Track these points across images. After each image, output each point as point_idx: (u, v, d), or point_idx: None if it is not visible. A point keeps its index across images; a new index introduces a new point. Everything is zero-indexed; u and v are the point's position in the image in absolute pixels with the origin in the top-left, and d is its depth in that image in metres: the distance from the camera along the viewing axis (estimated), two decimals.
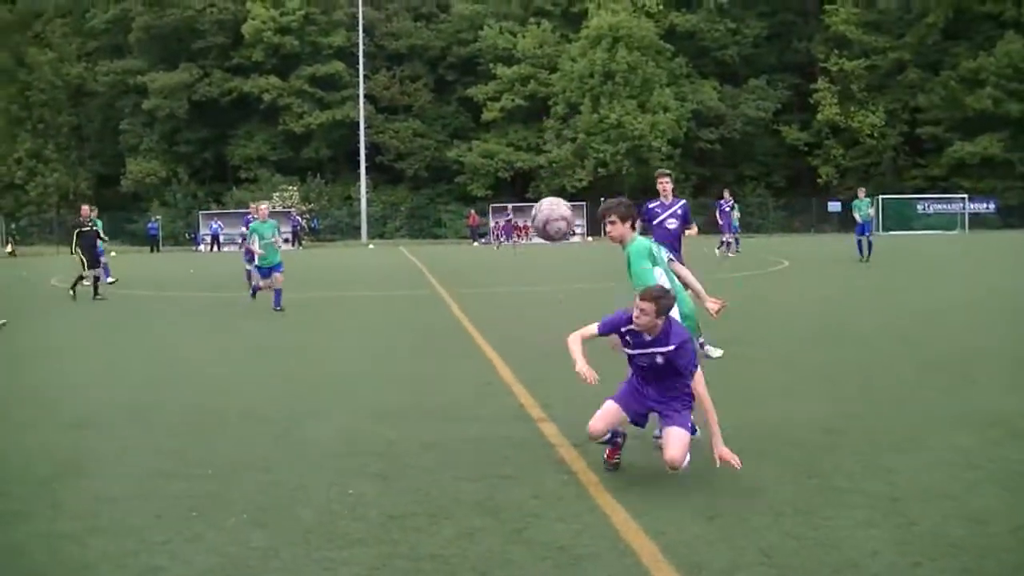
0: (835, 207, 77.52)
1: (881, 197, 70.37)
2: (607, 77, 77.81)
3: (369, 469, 7.79)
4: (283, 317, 20.49)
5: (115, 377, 13.20)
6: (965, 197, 74.75)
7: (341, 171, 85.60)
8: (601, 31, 78.15)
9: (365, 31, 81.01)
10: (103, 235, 28.56)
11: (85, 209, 27.08)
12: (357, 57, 79.76)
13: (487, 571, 5.54)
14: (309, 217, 77.05)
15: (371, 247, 69.41)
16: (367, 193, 79.61)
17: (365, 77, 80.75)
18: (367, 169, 79.56)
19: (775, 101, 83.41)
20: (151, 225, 73.34)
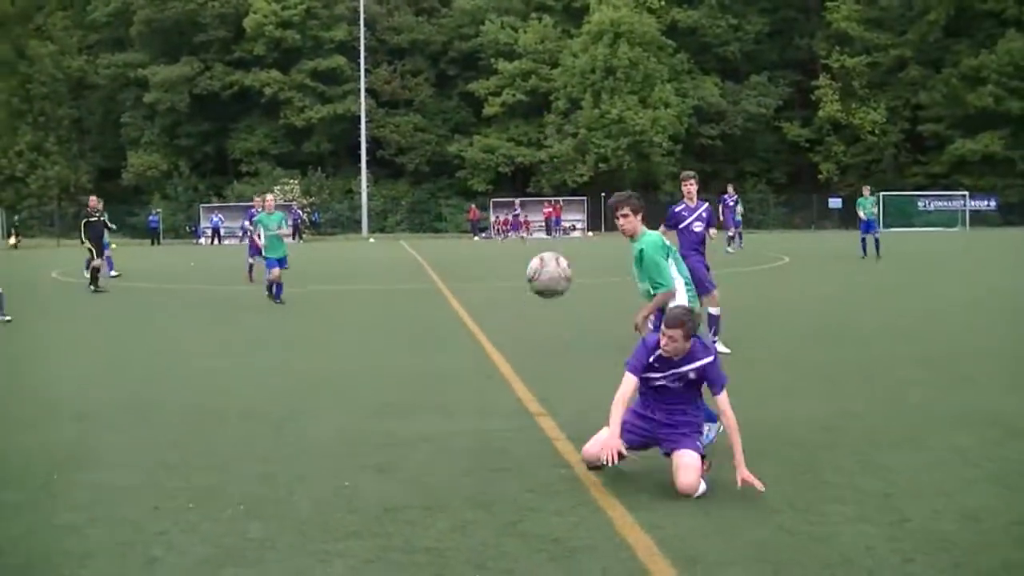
0: (836, 204, 77.54)
1: (882, 194, 70.17)
2: (608, 72, 77.74)
3: (366, 462, 7.82)
4: (283, 310, 20.51)
5: (115, 371, 13.23)
6: (966, 194, 74.72)
7: (342, 165, 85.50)
8: (602, 26, 78.05)
9: (366, 25, 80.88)
10: (110, 224, 28.60)
11: (93, 200, 27.28)
12: (358, 51, 79.63)
13: (481, 563, 5.56)
14: (310, 211, 76.98)
15: (372, 241, 69.36)
16: (368, 187, 79.53)
17: (366, 71, 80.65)
18: (368, 163, 79.48)
19: (776, 97, 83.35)
20: (152, 218, 73.27)
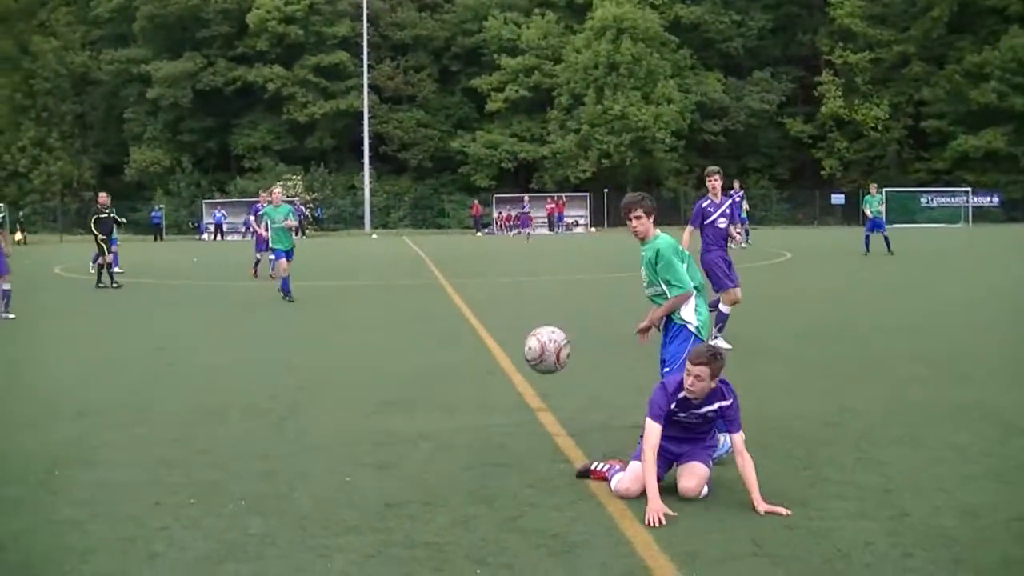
0: (838, 200, 77.55)
1: (885, 190, 70.01)
2: (611, 68, 77.70)
3: (367, 459, 7.84)
4: (285, 306, 20.49)
5: (117, 367, 13.24)
6: (968, 191, 74.60)
7: (345, 161, 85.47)
8: (605, 22, 78.02)
9: (369, 21, 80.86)
10: (120, 219, 28.61)
11: (103, 196, 27.34)
12: (361, 47, 79.66)
13: (481, 558, 5.58)
14: (313, 206, 76.95)
15: (374, 237, 69.35)
16: (371, 183, 79.53)
17: (369, 67, 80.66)
18: (371, 159, 79.49)
19: (779, 93, 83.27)
20: (155, 214, 73.31)
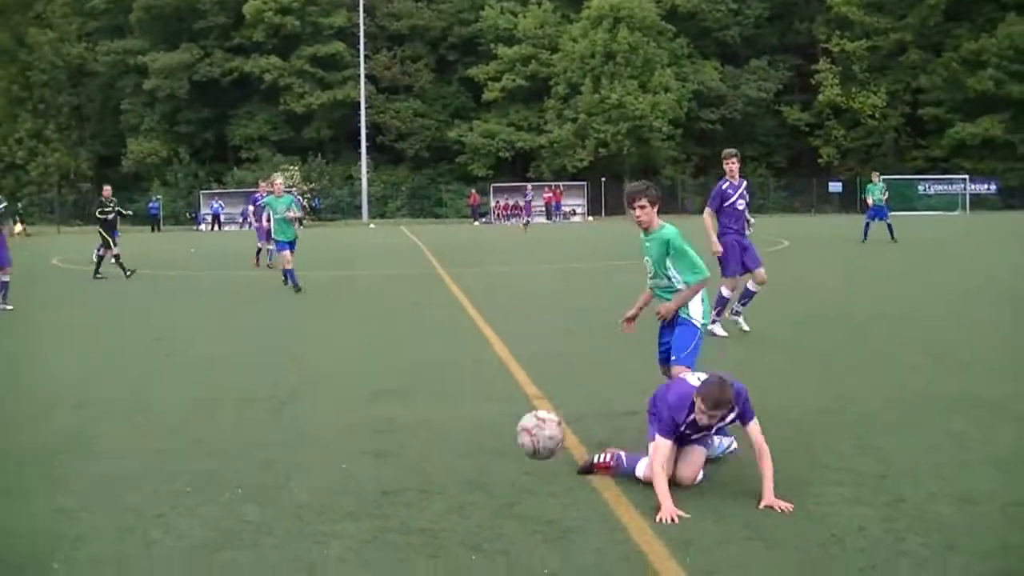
0: (836, 187, 77.58)
1: (882, 178, 70.19)
2: (608, 57, 77.72)
3: (364, 447, 7.84)
4: (283, 296, 20.48)
5: (114, 358, 13.23)
6: (966, 178, 74.66)
7: (342, 151, 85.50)
8: (602, 11, 78.04)
9: (366, 11, 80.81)
10: (124, 211, 28.56)
11: (107, 190, 27.39)
12: (358, 37, 79.63)
13: (476, 545, 5.60)
14: (310, 197, 76.91)
15: (372, 227, 69.36)
16: (368, 173, 79.58)
17: (366, 57, 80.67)
18: (368, 149, 79.54)
19: (776, 82, 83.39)
20: (152, 205, 73.27)
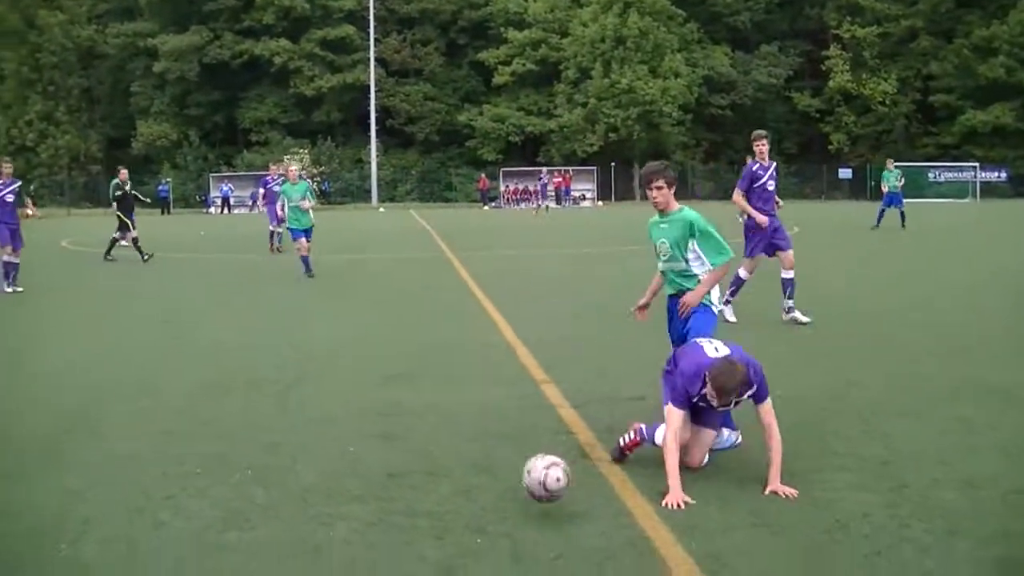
0: (846, 174, 77.38)
1: (896, 165, 70.03)
2: (618, 42, 77.46)
3: (371, 430, 7.88)
4: (291, 280, 20.48)
5: (124, 341, 13.28)
6: (976, 166, 74.35)
7: (352, 134, 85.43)
8: None
9: None
10: (142, 197, 28.67)
11: (124, 173, 27.22)
12: (368, 20, 79.44)
13: (481, 527, 5.64)
14: (320, 180, 76.92)
15: (381, 211, 69.31)
16: (378, 157, 79.54)
17: (376, 40, 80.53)
18: (377, 133, 79.49)
19: (787, 68, 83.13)
20: (162, 187, 73.22)
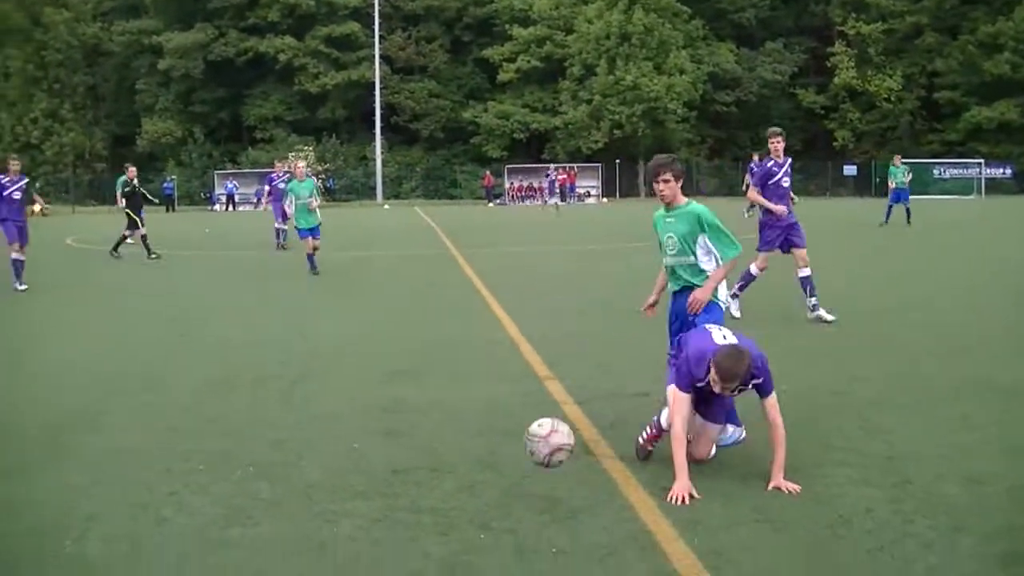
0: (851, 171, 77.27)
1: (892, 165, 69.94)
2: (623, 39, 77.42)
3: (375, 427, 7.90)
4: (296, 276, 20.51)
5: (129, 338, 13.29)
6: (982, 162, 74.15)
7: (357, 132, 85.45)
8: None
9: None
10: (151, 197, 28.75)
11: (132, 170, 27.22)
12: (373, 17, 79.44)
13: (485, 523, 5.64)
14: (325, 177, 76.92)
15: (386, 207, 69.36)
16: (382, 154, 79.59)
17: (381, 38, 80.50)
18: (382, 130, 79.52)
19: (792, 64, 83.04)
20: (167, 185, 73.16)
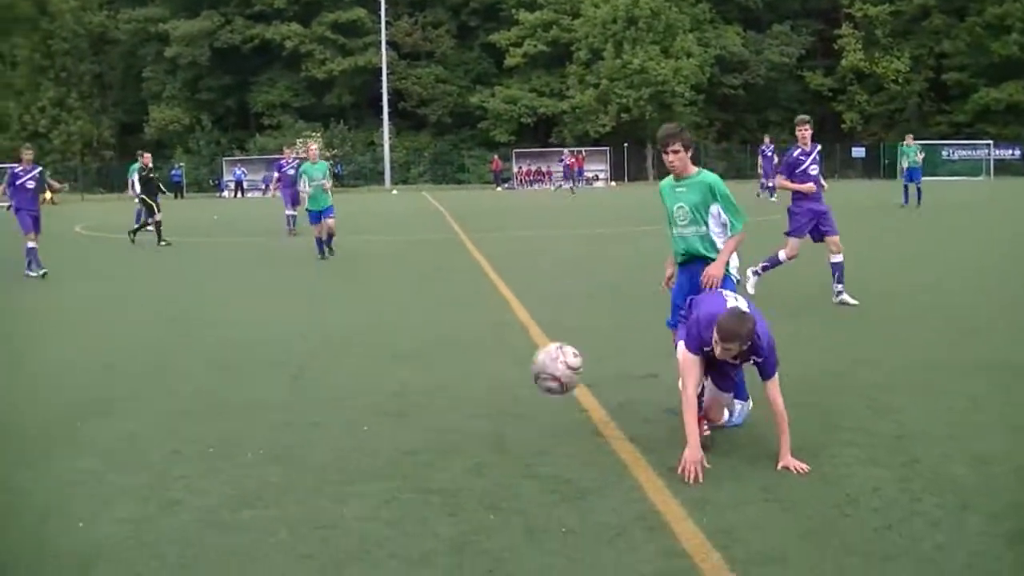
0: (859, 153, 77.08)
1: (903, 144, 69.75)
2: (630, 22, 77.25)
3: (384, 408, 7.91)
4: (305, 262, 20.55)
5: (137, 323, 13.33)
6: (990, 143, 73.97)
7: (364, 117, 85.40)
8: None
9: None
10: (163, 188, 28.89)
11: (147, 157, 27.43)
12: (379, 3, 79.25)
13: (494, 504, 5.65)
14: (333, 163, 76.75)
15: (395, 193, 69.36)
16: (390, 139, 79.57)
17: (387, 23, 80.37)
18: (390, 115, 79.48)
19: (799, 47, 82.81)
20: (175, 172, 73.18)
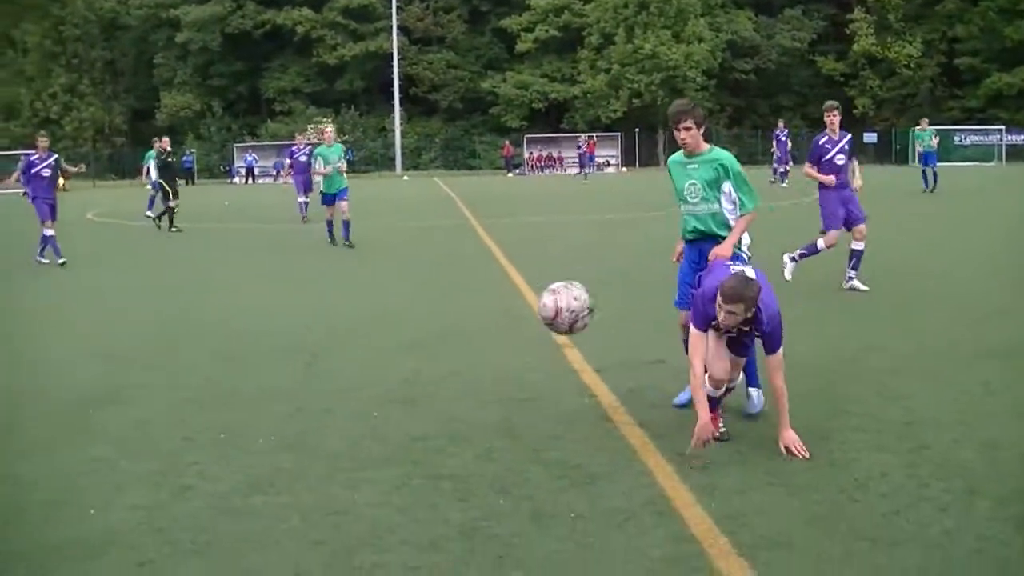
0: (871, 138, 76.71)
1: (916, 129, 69.48)
2: (641, 7, 77.03)
3: (394, 395, 7.95)
4: (315, 248, 20.59)
5: (148, 310, 13.36)
6: (1003, 128, 73.54)
7: (375, 103, 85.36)
8: None
9: None
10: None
11: (166, 141, 27.72)
12: None
13: (504, 489, 5.69)
14: (344, 149, 76.77)
15: (406, 179, 69.34)
16: (401, 125, 79.55)
17: (398, 8, 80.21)
18: (401, 101, 79.42)
19: (811, 31, 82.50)
20: (186, 158, 73.24)
